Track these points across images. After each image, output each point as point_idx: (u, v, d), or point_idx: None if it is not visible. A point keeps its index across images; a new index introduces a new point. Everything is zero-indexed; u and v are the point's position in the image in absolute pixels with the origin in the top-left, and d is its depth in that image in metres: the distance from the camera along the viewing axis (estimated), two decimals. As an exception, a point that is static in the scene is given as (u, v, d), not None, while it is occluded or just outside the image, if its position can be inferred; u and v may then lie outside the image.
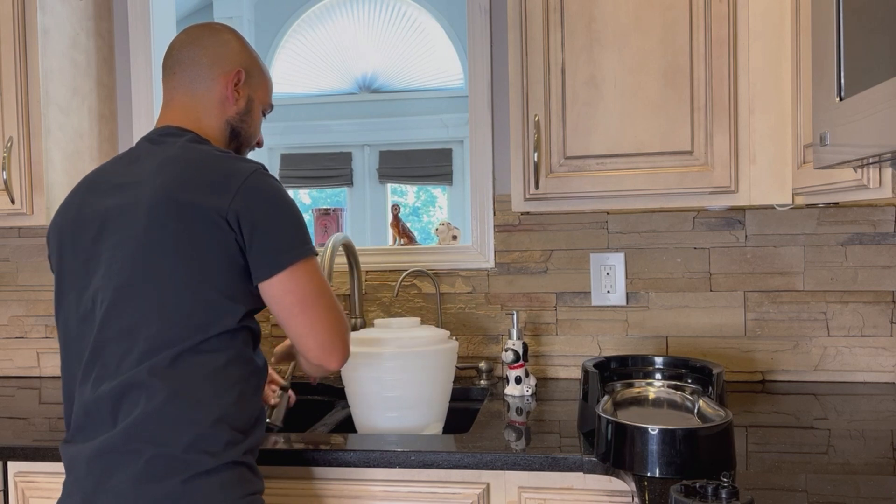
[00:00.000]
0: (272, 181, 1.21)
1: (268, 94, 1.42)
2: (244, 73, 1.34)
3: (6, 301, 2.25)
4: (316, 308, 1.19)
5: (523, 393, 1.80)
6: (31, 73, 1.82)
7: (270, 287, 1.17)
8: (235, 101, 1.33)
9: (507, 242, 2.02)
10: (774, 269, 1.89)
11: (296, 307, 1.18)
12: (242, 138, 1.37)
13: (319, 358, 1.20)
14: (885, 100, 0.86)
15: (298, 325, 1.19)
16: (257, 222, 1.16)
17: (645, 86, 1.57)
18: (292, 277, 1.17)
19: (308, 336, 1.19)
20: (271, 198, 1.18)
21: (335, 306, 1.22)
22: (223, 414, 1.15)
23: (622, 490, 1.33)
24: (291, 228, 1.19)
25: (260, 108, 1.40)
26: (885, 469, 1.24)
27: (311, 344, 1.19)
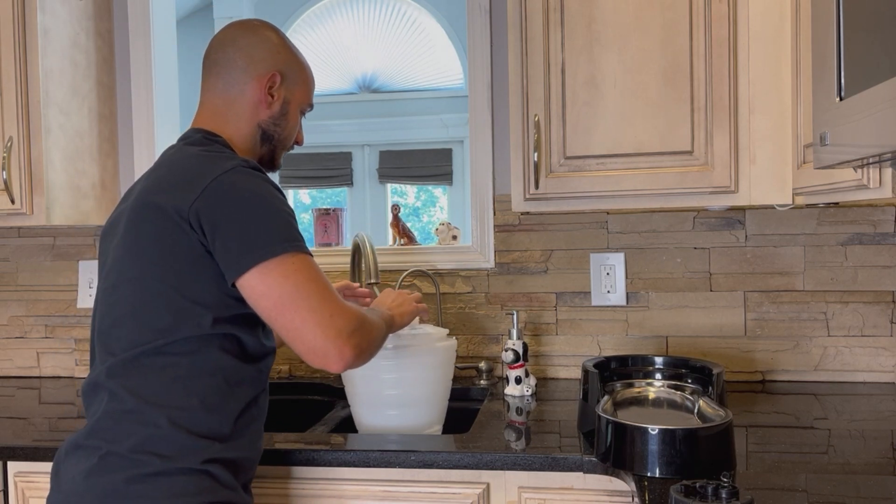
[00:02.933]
0: (246, 179, 1.15)
1: (308, 93, 1.37)
2: (279, 75, 1.30)
3: (6, 301, 2.25)
4: (297, 309, 1.10)
5: (523, 393, 1.80)
6: (31, 73, 1.82)
7: (243, 290, 1.12)
8: (269, 105, 1.30)
9: (507, 242, 2.02)
10: (774, 269, 1.89)
11: (273, 311, 1.11)
12: (276, 141, 1.34)
13: (315, 362, 1.12)
14: (885, 100, 0.86)
15: (282, 328, 1.12)
16: (218, 222, 1.11)
17: (645, 86, 1.57)
18: (262, 279, 1.10)
19: (296, 340, 1.11)
20: (236, 196, 1.12)
21: (326, 305, 1.12)
22: (181, 418, 1.12)
23: (622, 490, 1.33)
24: (257, 226, 1.11)
25: (298, 109, 1.36)
26: (885, 469, 1.24)
27: (301, 348, 1.12)
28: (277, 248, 1.11)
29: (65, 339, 2.21)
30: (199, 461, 1.12)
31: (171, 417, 1.12)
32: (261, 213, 1.12)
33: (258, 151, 1.32)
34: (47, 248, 2.22)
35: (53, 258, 2.22)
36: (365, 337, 1.16)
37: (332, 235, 2.31)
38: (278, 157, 1.37)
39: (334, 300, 1.14)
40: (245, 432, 1.20)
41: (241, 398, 1.19)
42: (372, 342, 1.19)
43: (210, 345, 1.15)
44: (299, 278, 1.11)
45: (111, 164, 2.15)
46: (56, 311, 2.22)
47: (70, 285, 2.20)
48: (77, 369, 2.19)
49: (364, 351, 1.16)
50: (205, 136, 1.26)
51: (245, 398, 1.20)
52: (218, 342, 1.16)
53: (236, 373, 1.18)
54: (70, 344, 2.20)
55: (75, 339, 2.20)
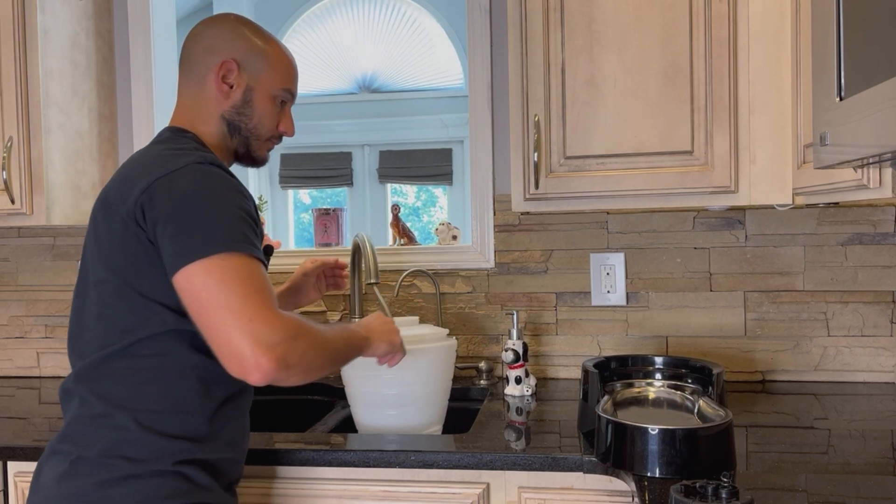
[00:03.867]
0: (194, 176, 1.11)
1: (278, 79, 1.30)
2: (234, 62, 1.25)
3: (6, 301, 2.25)
4: (217, 309, 1.03)
5: (523, 393, 1.80)
6: (31, 73, 1.82)
7: (177, 291, 1.08)
8: (228, 95, 1.26)
9: (507, 242, 2.02)
10: (774, 269, 1.89)
11: (197, 313, 1.06)
12: (245, 131, 1.29)
13: (231, 369, 1.04)
14: (885, 100, 0.86)
15: (205, 332, 1.06)
16: (157, 220, 1.08)
17: (645, 86, 1.57)
18: (189, 279, 1.05)
19: (213, 344, 1.05)
20: (177, 194, 1.09)
21: (248, 308, 1.03)
22: (150, 420, 1.11)
23: (622, 490, 1.33)
24: (192, 226, 1.07)
25: (267, 95, 1.29)
26: (885, 469, 1.24)
27: (218, 353, 1.04)
28: (209, 248, 1.05)
29: (65, 339, 2.21)
30: (171, 463, 1.11)
31: (140, 420, 1.11)
32: (199, 212, 1.08)
33: (231, 144, 1.29)
34: (47, 248, 2.22)
35: (53, 258, 2.22)
36: (295, 351, 1.05)
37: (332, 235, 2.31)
38: (256, 148, 1.32)
39: (262, 305, 1.05)
40: (222, 432, 1.18)
41: (217, 397, 1.16)
42: (306, 358, 1.08)
43: (180, 343, 1.13)
44: (224, 278, 1.04)
45: (111, 164, 2.14)
46: (56, 311, 2.22)
47: (70, 285, 2.20)
48: (77, 369, 2.19)
49: (291, 366, 1.05)
50: (174, 132, 1.25)
51: (220, 397, 1.17)
52: (188, 340, 1.13)
53: (210, 371, 1.14)
54: (70, 344, 2.20)
55: (75, 339, 2.20)
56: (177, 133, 1.25)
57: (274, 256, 2.13)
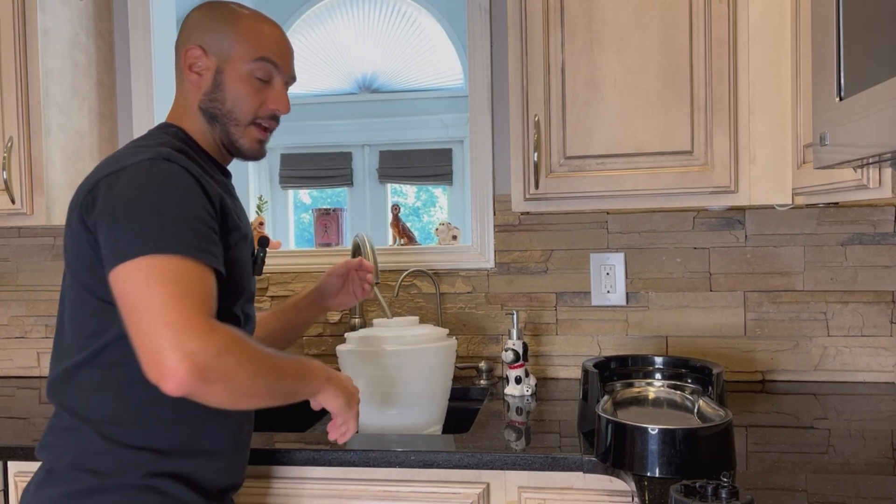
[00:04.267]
0: (140, 174, 1.04)
1: (249, 49, 1.17)
2: (198, 48, 1.17)
3: (6, 301, 2.25)
4: (138, 310, 0.97)
5: (523, 393, 1.80)
6: (31, 73, 1.82)
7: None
8: (198, 84, 1.19)
9: (507, 242, 2.02)
10: (774, 269, 1.89)
11: (123, 318, 0.99)
12: (221, 118, 1.19)
13: (150, 376, 0.96)
14: (885, 100, 0.86)
15: (130, 335, 0.99)
16: (97, 221, 1.04)
17: (645, 86, 1.57)
18: (116, 281, 0.99)
19: (136, 350, 0.98)
20: (117, 194, 1.03)
21: (169, 310, 0.96)
22: (115, 432, 1.08)
23: (622, 490, 1.33)
24: (128, 226, 1.00)
25: (239, 73, 1.18)
26: (885, 469, 1.24)
27: (139, 358, 0.97)
28: (138, 248, 0.99)
29: (65, 339, 2.21)
30: (140, 476, 1.07)
31: (104, 432, 1.08)
32: (135, 211, 1.01)
33: (215, 136, 1.21)
34: (47, 248, 2.22)
35: (53, 258, 2.22)
36: (219, 366, 0.96)
37: (332, 235, 2.31)
38: (238, 136, 1.20)
39: (187, 309, 0.96)
40: (200, 442, 1.13)
41: (187, 407, 1.07)
42: (232, 377, 0.98)
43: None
44: (150, 279, 0.97)
45: (111, 164, 2.14)
46: (56, 312, 2.21)
47: (70, 285, 2.20)
48: (77, 369, 2.19)
49: (212, 382, 0.96)
50: (158, 127, 1.21)
51: (193, 405, 1.04)
52: None
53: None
54: (70, 344, 2.20)
55: (75, 339, 2.20)
56: (160, 128, 1.21)
57: (274, 256, 2.13)
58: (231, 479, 1.20)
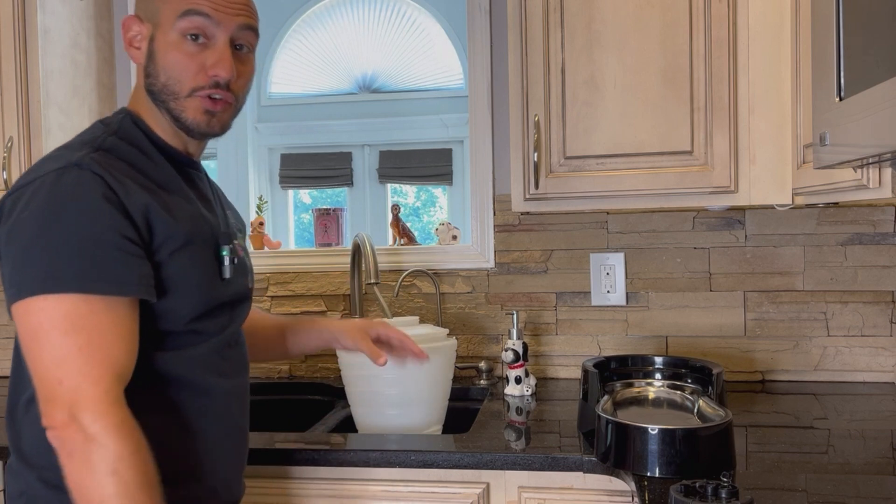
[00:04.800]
0: (42, 191, 0.91)
1: (173, 6, 0.99)
2: (135, 17, 1.02)
3: (6, 301, 2.24)
4: (34, 360, 0.89)
5: (523, 393, 1.80)
6: (31, 73, 1.82)
7: None
8: (138, 58, 1.04)
9: (507, 242, 2.02)
10: (774, 269, 1.89)
11: (25, 357, 0.91)
12: (159, 96, 1.02)
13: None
14: (885, 100, 0.86)
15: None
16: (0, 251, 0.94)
17: (645, 86, 1.57)
18: (17, 317, 0.90)
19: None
20: (19, 214, 0.91)
21: (59, 373, 0.87)
22: (55, 478, 0.93)
23: (622, 490, 1.33)
24: (17, 260, 0.90)
25: (168, 38, 0.99)
26: (885, 469, 1.24)
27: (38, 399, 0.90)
28: (31, 286, 0.88)
29: (65, 339, 2.20)
30: None
31: (44, 478, 0.96)
32: (30, 241, 0.89)
33: (165, 120, 1.05)
34: (47, 248, 2.22)
35: (53, 258, 2.21)
36: (86, 454, 0.86)
37: (332, 235, 2.31)
38: (180, 111, 1.02)
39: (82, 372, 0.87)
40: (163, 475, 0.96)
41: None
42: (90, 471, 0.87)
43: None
44: (43, 325, 0.88)
45: (111, 164, 2.14)
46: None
47: (70, 285, 2.20)
48: (77, 369, 2.19)
49: (73, 458, 0.87)
50: (112, 114, 1.08)
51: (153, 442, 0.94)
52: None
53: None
54: (70, 344, 2.20)
55: (75, 339, 2.20)
56: (111, 115, 1.08)
57: (274, 257, 2.13)
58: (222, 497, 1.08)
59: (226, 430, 1.09)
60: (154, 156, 1.03)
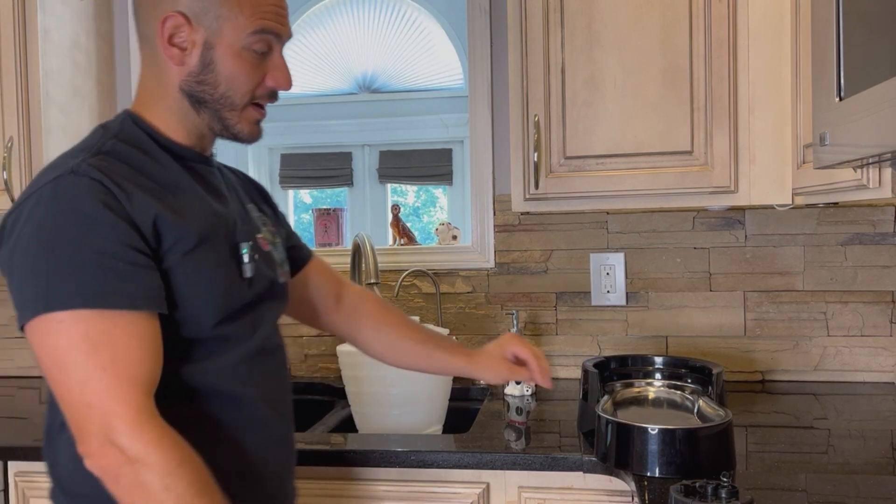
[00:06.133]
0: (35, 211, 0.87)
1: (246, 22, 0.96)
2: (181, 15, 0.95)
3: (6, 301, 2.24)
4: (57, 385, 0.86)
5: (523, 393, 1.80)
6: (31, 73, 1.82)
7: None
8: (181, 60, 0.97)
9: (507, 242, 2.02)
10: (774, 269, 1.89)
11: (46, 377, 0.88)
12: (212, 104, 0.99)
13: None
14: (885, 100, 0.86)
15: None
16: (3, 264, 0.90)
17: (645, 86, 1.57)
18: (30, 341, 0.87)
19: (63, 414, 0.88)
20: (21, 230, 0.88)
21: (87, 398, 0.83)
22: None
23: (622, 490, 1.33)
24: (22, 279, 0.87)
25: (234, 51, 0.97)
26: (885, 469, 1.24)
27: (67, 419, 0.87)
28: (40, 304, 0.85)
29: (65, 339, 2.20)
30: None
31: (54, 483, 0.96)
32: (31, 259, 0.86)
33: (199, 123, 1.01)
34: (47, 248, 2.22)
35: (53, 258, 2.21)
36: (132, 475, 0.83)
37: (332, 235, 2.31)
38: (234, 122, 1.01)
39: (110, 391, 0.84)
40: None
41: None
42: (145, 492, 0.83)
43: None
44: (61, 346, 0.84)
45: (111, 164, 2.14)
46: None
47: (70, 285, 2.20)
48: (77, 369, 2.19)
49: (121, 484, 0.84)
50: (109, 121, 1.03)
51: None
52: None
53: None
54: (70, 344, 2.20)
55: (75, 339, 2.20)
56: (113, 120, 1.03)
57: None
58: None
59: (265, 442, 1.03)
60: (158, 155, 0.99)
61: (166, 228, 0.91)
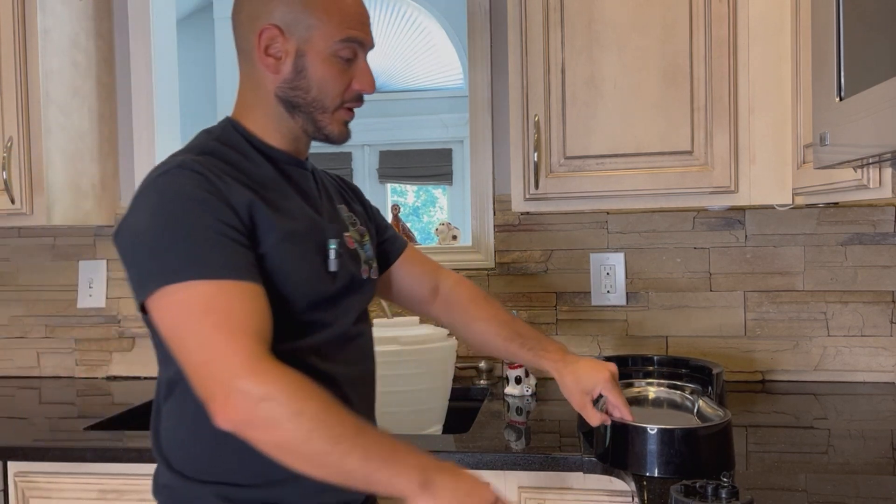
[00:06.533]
0: (150, 196, 0.97)
1: (334, 30, 1.05)
2: (275, 28, 1.04)
3: (6, 301, 2.25)
4: (177, 352, 0.92)
5: (523, 393, 1.80)
6: (31, 73, 1.82)
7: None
8: (276, 69, 1.06)
9: (507, 242, 2.02)
10: (774, 269, 1.89)
11: (169, 347, 0.94)
12: (305, 108, 1.08)
13: (205, 405, 0.91)
14: (885, 100, 0.86)
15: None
16: (118, 246, 0.99)
17: (645, 86, 1.57)
18: (150, 312, 0.94)
19: (187, 376, 0.93)
20: (135, 216, 0.97)
21: (207, 354, 0.89)
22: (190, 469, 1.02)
23: (622, 490, 1.33)
24: (143, 259, 0.94)
25: (323, 57, 1.05)
26: (885, 469, 1.24)
27: (192, 385, 0.92)
28: (161, 277, 0.91)
29: (65, 339, 2.21)
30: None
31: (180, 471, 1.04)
32: (147, 239, 0.94)
33: (294, 127, 1.10)
34: (47, 248, 2.22)
35: (53, 258, 2.22)
36: (264, 413, 0.87)
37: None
38: (326, 123, 1.09)
39: (229, 344, 0.89)
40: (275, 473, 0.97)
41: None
42: (277, 428, 0.87)
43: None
44: (181, 312, 0.91)
45: (111, 164, 2.15)
46: (56, 311, 2.21)
47: (70, 285, 2.20)
48: (77, 369, 2.19)
49: (256, 427, 0.88)
50: (205, 130, 1.12)
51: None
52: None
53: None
54: (70, 344, 2.20)
55: (75, 339, 2.20)
56: (215, 126, 1.12)
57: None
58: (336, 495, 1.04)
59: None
60: (253, 157, 1.08)
61: (260, 217, 1.00)
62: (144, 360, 2.15)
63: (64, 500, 1.50)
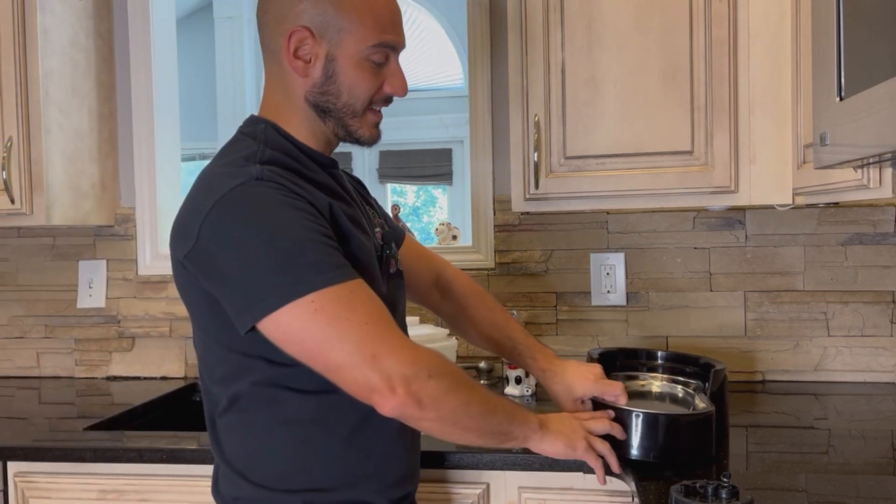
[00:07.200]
0: (240, 208, 0.94)
1: (366, 35, 1.03)
2: (306, 30, 1.01)
3: (6, 301, 2.25)
4: (326, 361, 0.93)
5: (523, 393, 1.80)
6: (30, 73, 1.82)
7: (264, 333, 0.95)
8: (305, 72, 1.03)
9: (507, 242, 2.02)
10: (774, 269, 1.89)
11: (304, 356, 0.94)
12: (336, 112, 1.06)
13: (365, 401, 0.94)
14: (885, 100, 0.86)
15: (322, 373, 0.95)
16: (213, 273, 0.95)
17: (645, 86, 1.57)
18: (271, 331, 0.93)
19: (340, 385, 0.95)
20: (228, 235, 0.94)
21: (366, 345, 0.91)
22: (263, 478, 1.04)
23: (622, 490, 1.33)
24: (253, 273, 0.92)
25: (355, 61, 1.03)
26: (885, 469, 1.24)
27: (349, 391, 0.94)
28: (281, 295, 0.91)
29: (65, 339, 2.21)
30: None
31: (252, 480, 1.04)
32: (254, 254, 0.92)
33: (325, 130, 1.08)
34: (47, 248, 2.22)
35: (53, 258, 2.22)
36: (431, 389, 0.93)
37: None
38: (356, 127, 1.08)
39: (382, 336, 0.93)
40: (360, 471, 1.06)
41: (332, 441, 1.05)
42: (443, 402, 0.95)
43: (279, 390, 1.02)
44: (321, 322, 0.91)
45: (111, 164, 2.14)
46: (56, 311, 2.21)
47: (70, 285, 2.20)
48: (77, 369, 2.19)
49: (425, 405, 0.93)
50: (245, 125, 1.09)
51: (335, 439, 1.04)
52: (285, 383, 1.02)
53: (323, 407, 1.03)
54: (70, 344, 2.20)
55: (75, 339, 2.20)
56: (247, 126, 1.09)
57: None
58: (402, 489, 1.12)
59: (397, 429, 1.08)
60: (305, 161, 1.06)
61: (339, 218, 1.02)
62: (144, 361, 2.15)
63: (64, 500, 1.50)
